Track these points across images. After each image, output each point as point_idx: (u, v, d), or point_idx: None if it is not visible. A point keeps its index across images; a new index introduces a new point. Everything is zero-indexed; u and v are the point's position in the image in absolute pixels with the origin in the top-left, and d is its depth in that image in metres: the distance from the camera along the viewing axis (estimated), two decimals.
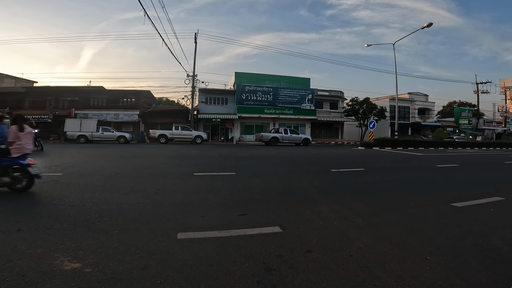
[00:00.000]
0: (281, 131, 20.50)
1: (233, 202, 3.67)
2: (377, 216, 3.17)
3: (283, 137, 20.18)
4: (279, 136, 20.08)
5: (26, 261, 1.88)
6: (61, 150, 12.02)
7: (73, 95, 26.35)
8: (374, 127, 20.35)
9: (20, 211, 3.01)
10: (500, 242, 2.45)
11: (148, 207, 3.28)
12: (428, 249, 2.27)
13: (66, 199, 3.57)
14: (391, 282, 1.74)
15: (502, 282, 1.79)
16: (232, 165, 7.88)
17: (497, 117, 41.62)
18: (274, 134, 20.40)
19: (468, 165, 9.07)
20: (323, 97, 31.59)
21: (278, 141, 20.03)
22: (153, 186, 4.49)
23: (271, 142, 19.77)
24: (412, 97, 35.92)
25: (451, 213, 3.39)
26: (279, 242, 2.35)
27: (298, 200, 3.84)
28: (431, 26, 18.07)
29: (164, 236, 2.41)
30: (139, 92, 27.62)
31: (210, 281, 1.71)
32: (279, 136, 20.09)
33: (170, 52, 24.45)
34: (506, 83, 39.45)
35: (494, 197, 4.20)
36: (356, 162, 9.20)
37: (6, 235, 2.34)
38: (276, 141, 19.97)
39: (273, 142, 19.86)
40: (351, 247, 2.26)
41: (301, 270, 1.87)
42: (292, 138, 20.54)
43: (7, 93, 26.00)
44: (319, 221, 2.93)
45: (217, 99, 28.24)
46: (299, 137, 20.80)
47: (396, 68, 21.59)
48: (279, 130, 20.87)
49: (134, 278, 1.72)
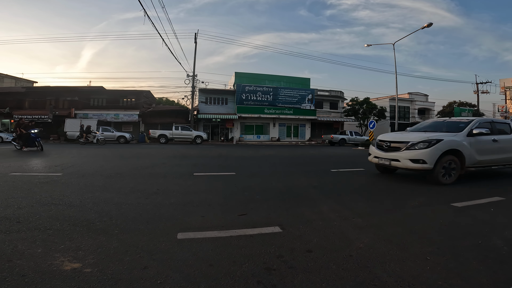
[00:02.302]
0: (348, 133, 24.83)
1: (233, 202, 3.67)
2: (377, 216, 3.17)
3: (349, 138, 24.29)
4: (346, 138, 24.25)
5: (26, 261, 1.88)
6: (61, 150, 12.02)
7: (73, 95, 26.36)
8: (374, 127, 20.36)
9: (20, 211, 3.01)
10: (500, 242, 2.45)
11: (148, 207, 3.28)
12: (428, 249, 2.27)
13: (66, 199, 3.57)
14: (391, 282, 1.74)
15: (502, 282, 1.79)
16: (232, 165, 7.88)
17: (497, 117, 41.64)
18: (342, 136, 24.59)
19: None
20: (323, 97, 31.61)
21: (345, 142, 24.02)
22: (153, 186, 4.49)
23: (339, 142, 23.79)
24: (412, 97, 35.94)
25: (451, 213, 3.39)
26: (279, 242, 2.35)
27: (298, 200, 3.84)
28: (431, 26, 18.07)
29: (164, 236, 2.41)
30: (139, 92, 27.63)
31: (210, 281, 1.71)
32: (346, 138, 24.27)
33: (170, 52, 24.49)
34: (506, 83, 39.42)
35: (494, 197, 4.20)
36: (356, 162, 9.19)
37: (6, 235, 2.34)
38: (344, 142, 23.95)
39: (341, 142, 23.85)
40: (351, 247, 2.26)
41: (301, 270, 1.87)
42: (357, 140, 24.13)
43: (7, 93, 26.00)
44: (319, 221, 2.93)
45: (217, 99, 28.24)
46: (362, 139, 23.89)
47: (396, 68, 21.60)
48: (346, 133, 25.18)
49: (134, 278, 1.72)
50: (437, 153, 5.04)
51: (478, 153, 5.45)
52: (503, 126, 6.19)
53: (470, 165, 5.39)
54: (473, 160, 5.40)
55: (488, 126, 5.83)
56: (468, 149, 5.31)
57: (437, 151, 5.06)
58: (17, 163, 7.16)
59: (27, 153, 10.32)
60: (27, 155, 9.52)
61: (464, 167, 5.31)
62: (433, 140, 5.17)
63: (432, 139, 5.19)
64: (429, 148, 5.10)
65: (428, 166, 5.04)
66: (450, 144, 5.21)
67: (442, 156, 5.06)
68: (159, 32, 29.64)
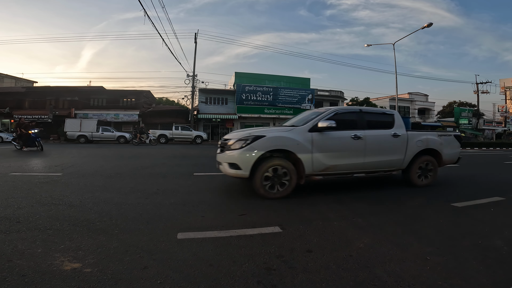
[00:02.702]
0: None
1: (233, 202, 3.67)
2: (377, 216, 3.17)
3: None
4: None
5: (26, 261, 1.88)
6: (61, 150, 12.02)
7: (73, 95, 26.36)
8: None
9: (20, 211, 3.01)
10: (500, 242, 2.45)
11: (148, 207, 3.28)
12: (428, 249, 2.27)
13: (66, 199, 3.57)
14: (391, 282, 1.75)
15: (502, 282, 1.79)
16: None
17: (497, 117, 41.65)
18: None
19: (467, 165, 9.07)
20: (323, 97, 31.59)
21: None
22: (153, 186, 4.49)
23: None
24: (412, 97, 35.94)
25: (451, 213, 3.39)
26: (279, 242, 2.35)
27: (298, 200, 3.83)
28: (431, 26, 18.08)
29: (164, 236, 2.41)
30: (139, 92, 27.62)
31: (210, 281, 1.71)
32: None
33: (170, 52, 24.49)
34: (506, 83, 39.46)
35: (494, 197, 4.20)
36: None
37: (6, 235, 2.34)
38: None
39: None
40: (351, 247, 2.26)
41: (301, 270, 1.87)
42: None
43: (7, 93, 26.00)
44: (319, 221, 2.93)
45: (217, 99, 28.24)
46: None
47: (396, 68, 21.64)
48: None
49: (134, 278, 1.72)
50: (252, 155, 3.69)
51: (328, 155, 3.99)
52: (379, 117, 4.68)
53: (314, 171, 3.95)
54: (319, 165, 3.95)
55: (351, 118, 4.41)
56: (307, 149, 3.87)
57: (253, 153, 3.69)
58: (17, 163, 7.16)
59: (27, 153, 10.31)
60: (27, 155, 9.52)
61: (303, 174, 3.90)
62: (249, 137, 3.79)
63: (250, 136, 3.82)
64: (242, 149, 3.76)
65: (243, 173, 3.72)
66: (274, 142, 3.78)
67: (262, 160, 3.75)
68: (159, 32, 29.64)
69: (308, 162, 3.89)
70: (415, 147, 4.73)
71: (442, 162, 5.06)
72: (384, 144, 4.48)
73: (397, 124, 4.67)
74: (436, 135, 5.03)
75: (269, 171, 3.75)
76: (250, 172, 3.72)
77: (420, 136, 4.83)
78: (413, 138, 4.73)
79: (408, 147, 4.64)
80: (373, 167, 4.43)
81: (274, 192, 3.78)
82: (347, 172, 4.30)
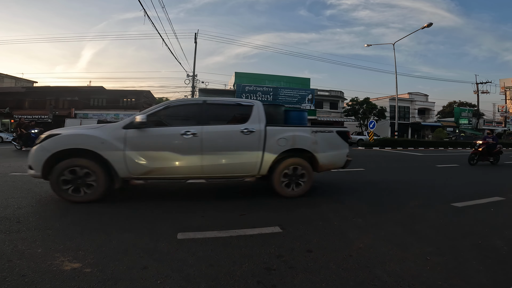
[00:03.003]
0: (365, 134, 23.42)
1: (233, 202, 3.66)
2: (377, 216, 3.17)
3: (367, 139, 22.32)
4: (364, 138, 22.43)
5: (26, 261, 1.88)
6: None
7: (73, 95, 26.39)
8: (374, 127, 20.36)
9: (20, 211, 3.00)
10: (500, 242, 2.45)
11: (147, 207, 3.28)
12: (428, 249, 2.27)
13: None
14: (391, 282, 1.75)
15: (502, 282, 1.79)
16: None
17: (497, 117, 41.67)
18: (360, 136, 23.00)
19: (468, 165, 9.07)
20: (323, 97, 31.59)
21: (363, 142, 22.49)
22: (153, 186, 4.48)
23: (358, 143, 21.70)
24: (412, 97, 35.92)
25: (451, 213, 3.39)
26: (279, 242, 2.35)
27: (298, 200, 3.83)
28: (431, 26, 18.08)
29: (164, 236, 2.41)
30: (139, 92, 27.64)
31: (210, 281, 1.71)
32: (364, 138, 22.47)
33: (170, 52, 24.48)
34: (506, 83, 39.47)
35: (494, 197, 4.20)
36: (356, 162, 9.20)
37: (6, 235, 2.34)
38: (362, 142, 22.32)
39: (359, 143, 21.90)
40: (351, 247, 2.26)
41: (301, 270, 1.87)
42: None
43: (7, 93, 26.02)
44: (319, 221, 2.93)
45: None
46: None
47: (396, 68, 21.63)
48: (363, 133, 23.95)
49: (134, 278, 1.72)
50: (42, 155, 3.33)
51: (148, 155, 3.39)
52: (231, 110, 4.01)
53: (133, 174, 3.40)
54: (138, 167, 3.38)
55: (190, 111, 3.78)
56: (116, 148, 3.34)
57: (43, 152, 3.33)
58: (17, 163, 7.15)
59: (27, 153, 10.30)
60: (27, 155, 9.51)
61: (117, 178, 3.40)
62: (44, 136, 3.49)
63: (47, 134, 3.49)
64: (35, 148, 3.47)
65: (35, 174, 3.37)
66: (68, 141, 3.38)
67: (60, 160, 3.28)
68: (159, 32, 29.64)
69: (120, 163, 3.34)
70: (277, 146, 3.73)
71: (319, 166, 3.98)
72: (229, 143, 3.62)
73: (254, 118, 3.76)
74: (309, 131, 3.97)
75: (65, 173, 3.26)
76: (43, 173, 3.31)
77: (284, 133, 3.80)
78: (274, 136, 3.74)
79: (266, 147, 3.70)
80: (216, 172, 3.63)
81: (81, 195, 3.31)
82: (179, 177, 3.67)
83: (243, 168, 3.68)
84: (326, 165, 4.08)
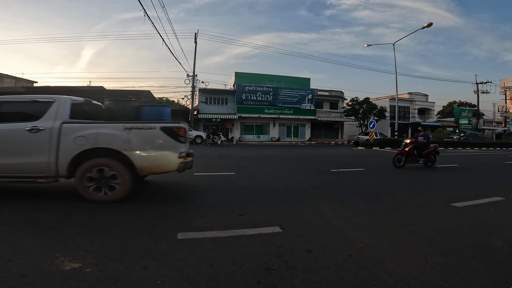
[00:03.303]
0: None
1: (233, 202, 3.67)
2: (377, 216, 3.17)
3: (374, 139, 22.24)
4: None
5: (26, 261, 1.88)
6: None
7: (73, 95, 26.30)
8: (374, 127, 20.37)
9: (19, 210, 3.01)
10: (500, 242, 2.45)
11: (147, 207, 3.28)
12: (428, 249, 2.27)
13: (66, 198, 3.57)
14: (391, 282, 1.74)
15: (502, 282, 1.79)
16: (232, 165, 7.88)
17: (497, 117, 41.64)
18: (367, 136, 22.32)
19: (468, 165, 9.08)
20: (323, 97, 31.58)
21: None
22: (153, 186, 4.49)
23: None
24: (412, 97, 35.91)
25: (451, 213, 3.39)
26: (279, 242, 2.35)
27: (298, 200, 3.84)
28: (431, 26, 18.08)
29: (164, 236, 2.41)
30: (139, 92, 27.57)
31: (210, 281, 1.71)
32: None
33: (170, 52, 24.45)
34: (506, 83, 39.44)
35: (494, 197, 4.20)
36: (356, 162, 9.20)
37: (6, 235, 2.34)
38: None
39: None
40: (351, 247, 2.26)
41: (301, 270, 1.87)
42: None
43: (7, 93, 25.97)
44: (319, 221, 2.93)
45: (217, 99, 28.22)
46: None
47: (396, 68, 21.62)
48: None
49: (134, 278, 1.72)
50: None
51: None
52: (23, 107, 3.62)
53: None
54: None
55: None
56: None
57: None
58: None
59: None
60: None
61: None
62: None
63: None
64: None
65: None
66: None
67: None
68: (159, 32, 29.65)
69: None
70: (74, 146, 3.37)
71: (137, 168, 3.46)
72: (9, 142, 3.38)
73: (49, 115, 3.45)
74: (120, 128, 3.46)
75: None
76: None
77: (84, 130, 3.42)
78: (71, 134, 3.39)
79: (60, 146, 3.37)
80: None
81: None
82: None
83: (32, 168, 3.39)
84: (146, 167, 3.51)
